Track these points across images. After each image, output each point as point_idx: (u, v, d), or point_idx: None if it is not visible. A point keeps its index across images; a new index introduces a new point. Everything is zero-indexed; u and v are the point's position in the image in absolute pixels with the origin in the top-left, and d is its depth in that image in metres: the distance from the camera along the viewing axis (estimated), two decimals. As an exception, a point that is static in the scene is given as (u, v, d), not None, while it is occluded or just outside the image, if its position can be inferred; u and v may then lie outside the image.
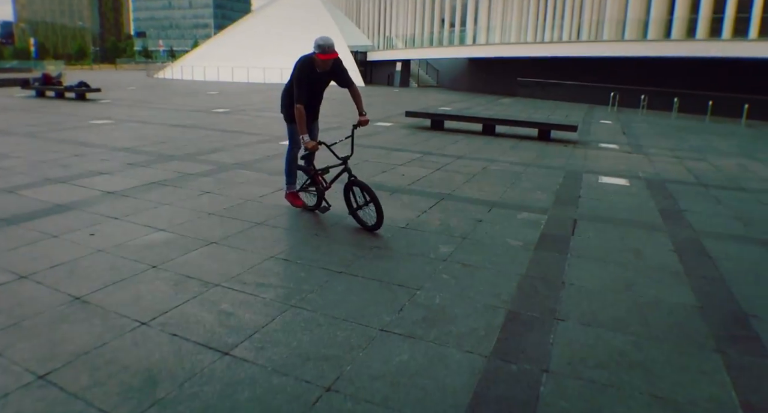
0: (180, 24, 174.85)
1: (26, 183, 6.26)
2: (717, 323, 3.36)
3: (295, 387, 2.45)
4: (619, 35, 27.16)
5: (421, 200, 6.09)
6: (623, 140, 12.59)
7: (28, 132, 10.58)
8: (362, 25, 60.39)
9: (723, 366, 2.85)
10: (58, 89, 20.51)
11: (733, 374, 2.77)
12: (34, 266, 3.76)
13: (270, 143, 10.10)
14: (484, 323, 3.19)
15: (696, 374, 2.76)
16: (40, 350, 2.70)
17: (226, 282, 3.59)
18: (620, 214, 5.88)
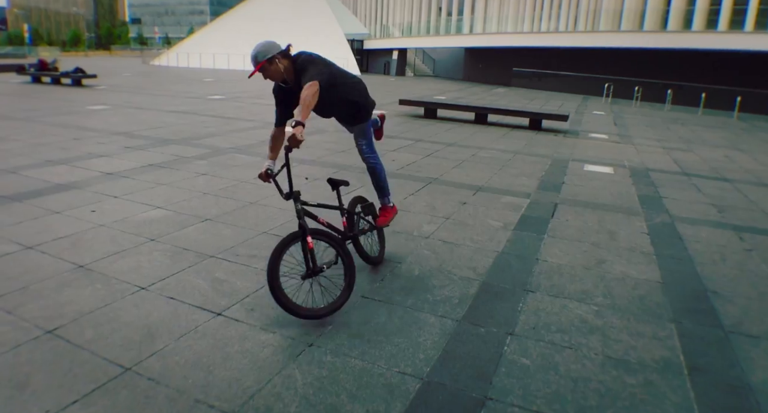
0: (176, 11, 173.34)
1: (27, 164, 6.49)
2: (677, 297, 3.61)
3: (281, 342, 2.71)
4: (616, 26, 27.23)
5: (409, 184, 6.33)
6: (613, 131, 12.83)
7: (26, 117, 10.75)
8: (359, 13, 60.17)
9: (675, 333, 3.10)
10: (54, 75, 20.55)
11: (683, 341, 3.03)
12: (39, 239, 4.01)
13: (264, 129, 10.30)
14: (458, 293, 3.45)
15: (649, 339, 3.02)
16: (48, 309, 2.95)
17: (220, 254, 3.84)
18: (600, 199, 6.13)
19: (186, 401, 2.22)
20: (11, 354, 2.52)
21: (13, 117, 10.67)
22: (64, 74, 20.10)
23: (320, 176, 6.46)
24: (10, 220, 4.41)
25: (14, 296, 3.10)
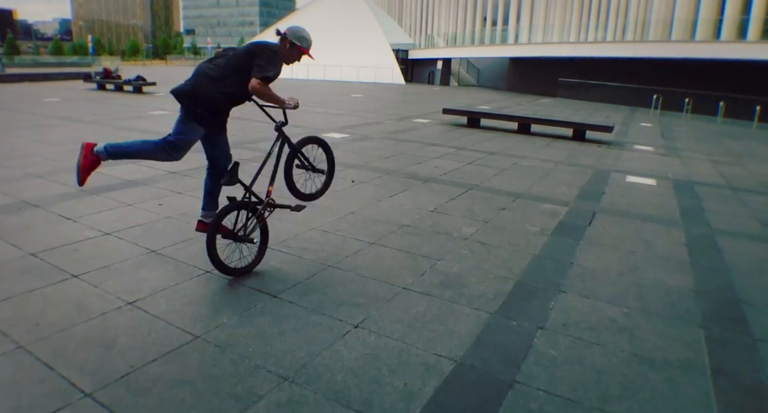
0: (227, 22, 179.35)
1: (99, 163, 7.06)
2: (709, 305, 3.71)
3: (330, 323, 3.02)
4: (666, 36, 26.70)
5: (450, 189, 6.58)
6: (660, 143, 12.70)
7: (96, 120, 11.57)
8: (404, 24, 60.87)
9: (703, 337, 3.22)
10: (117, 83, 21.82)
11: (710, 345, 3.14)
12: (116, 226, 4.51)
13: (314, 134, 10.73)
14: (493, 289, 3.68)
15: (676, 341, 3.16)
16: (127, 285, 3.39)
17: (275, 246, 4.20)
18: (640, 210, 6.20)
19: (247, 365, 2.56)
20: (99, 319, 2.93)
21: (83, 120, 11.51)
22: (127, 82, 21.30)
23: (366, 179, 6.79)
24: (90, 210, 4.95)
25: (98, 273, 3.56)
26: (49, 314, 2.99)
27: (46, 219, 4.69)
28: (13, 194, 5.49)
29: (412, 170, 7.60)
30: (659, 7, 27.53)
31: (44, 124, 11.02)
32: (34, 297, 3.19)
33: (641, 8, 28.91)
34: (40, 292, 3.27)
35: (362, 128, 12.12)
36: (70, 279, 3.45)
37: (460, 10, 48.21)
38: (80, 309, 3.05)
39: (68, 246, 4.04)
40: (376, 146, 9.66)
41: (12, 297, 3.19)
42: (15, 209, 4.97)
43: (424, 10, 56.76)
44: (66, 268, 3.62)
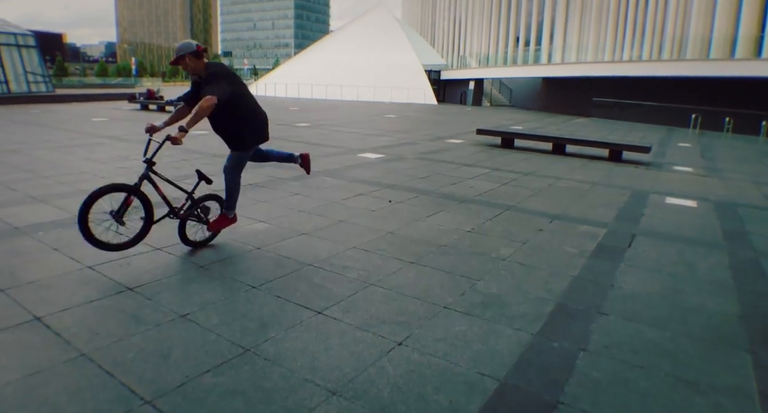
0: (263, 44, 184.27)
1: (146, 180, 7.37)
2: (756, 330, 3.63)
3: (374, 340, 3.09)
4: (705, 54, 26.23)
5: (487, 210, 6.61)
6: (700, 163, 12.46)
7: (141, 139, 11.99)
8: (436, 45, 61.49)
9: (750, 362, 3.16)
10: (159, 103, 22.64)
11: (759, 370, 3.08)
12: (165, 242, 4.72)
13: (348, 154, 10.93)
14: (534, 310, 3.69)
15: (722, 366, 3.11)
16: (179, 298, 3.54)
17: (317, 263, 4.32)
18: (681, 232, 6.11)
19: (297, 378, 2.64)
20: (154, 331, 3.07)
21: (129, 139, 11.99)
22: (169, 102, 22.06)
23: (402, 199, 6.89)
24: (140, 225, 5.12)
25: (151, 286, 3.73)
26: (108, 324, 3.15)
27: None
28: (68, 209, 5.77)
29: (447, 190, 7.66)
30: (697, 25, 27.14)
31: (93, 142, 11.52)
32: (93, 308, 3.37)
33: (678, 26, 28.55)
34: (99, 303, 3.44)
35: (396, 149, 12.27)
36: (125, 292, 3.62)
37: (493, 31, 48.48)
38: (136, 320, 3.20)
39: (122, 260, 4.24)
40: (411, 167, 9.77)
41: (72, 308, 3.36)
42: (71, 224, 5.21)
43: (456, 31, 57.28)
44: (121, 281, 3.81)
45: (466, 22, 54.26)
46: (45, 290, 3.65)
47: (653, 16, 30.47)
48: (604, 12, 34.46)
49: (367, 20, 51.82)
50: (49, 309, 3.34)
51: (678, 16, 28.61)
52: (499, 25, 47.56)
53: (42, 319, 3.21)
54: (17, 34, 29.87)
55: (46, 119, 17.92)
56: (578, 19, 36.87)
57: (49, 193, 6.59)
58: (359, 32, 49.47)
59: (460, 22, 55.87)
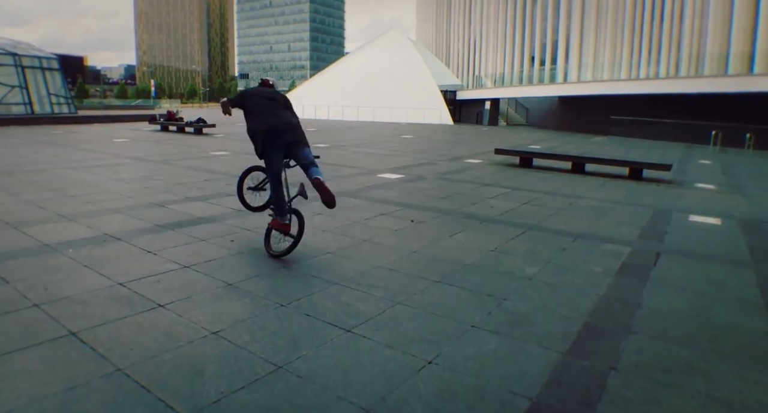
0: (279, 66, 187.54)
1: (172, 200, 7.56)
2: (789, 347, 3.60)
3: (404, 358, 3.10)
4: (722, 70, 26.11)
5: (509, 229, 6.60)
6: (722, 181, 12.33)
7: (162, 160, 12.27)
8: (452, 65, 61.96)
9: (785, 381, 3.13)
10: (179, 125, 23.06)
11: (796, 388, 3.05)
12: (193, 260, 4.78)
13: (368, 175, 11.01)
14: (561, 329, 3.67)
15: (756, 384, 3.06)
16: (209, 315, 3.59)
17: (344, 282, 4.36)
18: (706, 250, 6.04)
19: (330, 396, 2.66)
20: (187, 347, 3.13)
21: (151, 160, 12.24)
22: (189, 123, 22.47)
23: (424, 219, 6.92)
24: (168, 244, 5.28)
25: (182, 303, 3.79)
26: (142, 340, 3.20)
27: (129, 252, 5.03)
28: (96, 228, 5.90)
29: (468, 210, 7.68)
30: (713, 41, 27.08)
31: (116, 162, 11.78)
32: (127, 324, 3.43)
33: (694, 43, 28.51)
34: (132, 319, 3.51)
35: (415, 169, 12.35)
36: (157, 308, 3.69)
37: (508, 50, 48.78)
38: (169, 337, 3.25)
39: (152, 277, 4.32)
40: (431, 187, 9.81)
41: (106, 323, 3.44)
42: (100, 242, 5.34)
43: (471, 52, 57.73)
44: (152, 298, 3.88)
45: (480, 42, 54.71)
46: (79, 305, 3.73)
47: (669, 33, 30.48)
48: (619, 30, 34.56)
49: (382, 42, 52.50)
50: (83, 324, 3.41)
51: (694, 33, 28.60)
52: (514, 45, 47.86)
53: (77, 334, 3.28)
54: (41, 58, 30.83)
55: (70, 139, 18.39)
56: (593, 38, 36.99)
57: (76, 211, 6.75)
58: (375, 54, 50.10)
59: (475, 43, 56.35)
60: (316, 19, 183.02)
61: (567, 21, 40.54)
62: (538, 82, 40.86)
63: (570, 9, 39.99)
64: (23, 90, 29.24)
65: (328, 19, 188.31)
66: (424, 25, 74.05)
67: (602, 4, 36.17)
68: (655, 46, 31.49)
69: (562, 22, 41.17)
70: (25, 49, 31.18)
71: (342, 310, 3.77)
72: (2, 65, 28.49)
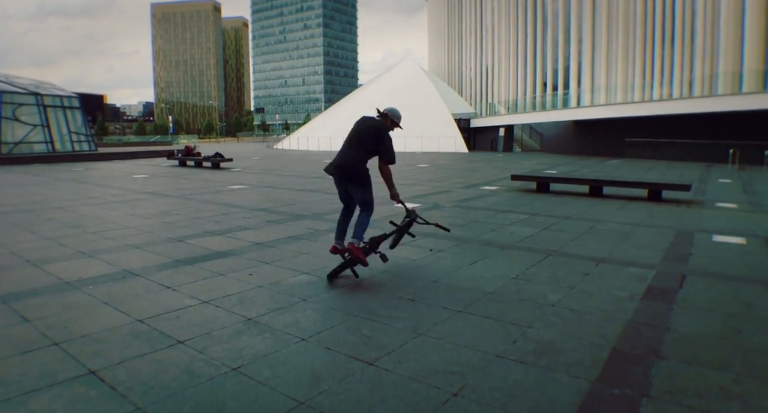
0: (294, 100, 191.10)
1: (190, 234, 7.60)
2: (829, 370, 3.45)
3: (429, 391, 3.02)
4: (736, 88, 25.99)
5: (529, 256, 6.51)
6: (743, 199, 12.11)
7: (181, 194, 12.42)
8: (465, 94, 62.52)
9: (825, 403, 2.99)
10: (196, 159, 23.44)
11: (833, 411, 2.91)
12: (212, 295, 4.77)
13: (384, 204, 10.98)
14: (590, 356, 3.57)
15: (796, 409, 2.94)
16: (229, 351, 3.55)
17: (363, 314, 4.30)
18: (733, 270, 5.89)
19: (354, 432, 2.59)
20: (208, 384, 3.08)
21: (170, 195, 12.40)
22: (206, 158, 22.83)
23: (443, 247, 6.87)
24: (187, 279, 5.28)
25: (202, 339, 3.76)
26: (161, 378, 3.17)
27: (148, 288, 5.04)
28: (116, 264, 5.95)
29: (487, 237, 7.61)
30: (725, 60, 27.05)
31: (136, 198, 11.95)
32: (146, 361, 3.41)
33: (707, 62, 28.50)
34: (151, 356, 3.48)
35: (432, 197, 12.33)
36: (176, 345, 3.66)
37: (520, 77, 49.16)
38: (189, 374, 3.21)
39: (171, 313, 4.31)
40: (449, 215, 9.77)
41: (126, 361, 3.41)
42: (119, 278, 5.37)
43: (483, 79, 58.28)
44: (172, 334, 3.86)
45: (493, 69, 55.27)
46: (98, 343, 3.72)
47: (680, 54, 30.52)
48: (630, 53, 34.70)
49: (395, 72, 53.27)
50: (103, 363, 3.40)
51: (706, 53, 28.60)
52: (526, 72, 48.26)
53: (96, 373, 3.26)
54: (63, 97, 31.81)
55: (90, 176, 18.77)
56: (605, 61, 37.16)
57: (96, 248, 6.82)
58: (388, 84, 50.77)
59: (487, 70, 56.93)
60: (330, 53, 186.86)
61: (578, 46, 40.85)
62: (551, 107, 40.97)
63: (580, 34, 40.34)
64: (45, 128, 30.12)
65: (341, 51, 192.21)
66: (436, 54, 75.17)
67: (612, 27, 36.45)
68: (668, 67, 31.52)
69: (573, 47, 41.50)
70: (47, 88, 32.24)
71: (363, 343, 3.71)
72: (25, 105, 29.46)
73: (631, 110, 30.31)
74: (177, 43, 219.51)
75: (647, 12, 33.00)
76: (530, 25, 47.15)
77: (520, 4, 48.32)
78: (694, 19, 29.37)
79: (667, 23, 31.51)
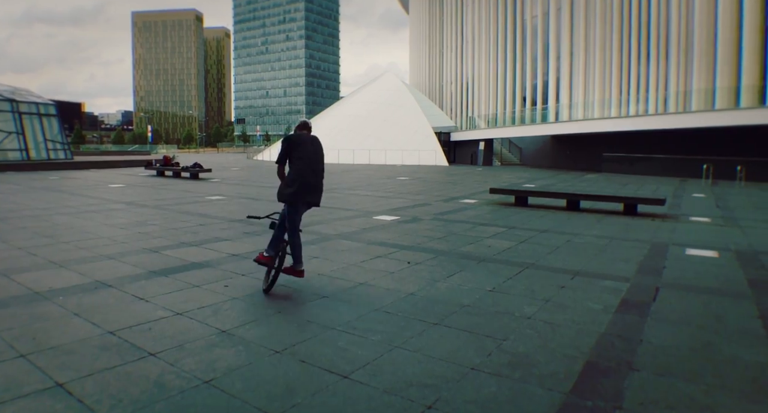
0: (275, 111, 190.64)
1: (166, 245, 7.50)
2: (796, 379, 3.52)
3: (403, 403, 3.01)
4: (709, 105, 26.67)
5: (506, 269, 6.55)
6: (716, 213, 12.38)
7: (158, 205, 12.26)
8: (445, 107, 63.08)
9: (793, 414, 3.05)
10: (175, 170, 23.20)
11: (802, 422, 2.97)
12: (186, 306, 4.71)
13: (364, 217, 11.01)
14: (564, 368, 3.59)
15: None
16: (202, 364, 3.50)
17: (340, 326, 4.27)
18: (705, 283, 6.00)
19: (326, 446, 2.56)
20: (179, 397, 3.03)
21: (147, 205, 12.24)
22: (185, 168, 22.61)
23: (421, 260, 6.88)
24: (160, 290, 5.21)
25: (174, 351, 3.70)
26: (131, 391, 3.11)
27: (121, 299, 4.95)
28: (88, 274, 5.83)
29: (465, 250, 7.64)
30: (699, 77, 27.76)
31: (111, 208, 11.77)
32: (116, 374, 3.34)
33: (681, 80, 29.21)
34: (121, 369, 3.41)
35: (411, 210, 12.37)
36: (147, 357, 3.60)
37: (500, 92, 49.79)
38: (160, 387, 3.15)
39: (143, 325, 4.23)
40: (427, 228, 9.79)
41: (95, 373, 3.34)
42: (91, 289, 5.27)
43: (463, 94, 58.90)
44: (143, 346, 3.79)
45: (473, 84, 55.90)
46: (67, 355, 3.64)
47: (656, 72, 31.25)
48: (607, 69, 35.43)
49: (376, 85, 53.51)
50: (71, 375, 3.32)
51: (680, 70, 29.33)
52: (505, 86, 48.89)
53: (64, 385, 3.18)
54: (39, 104, 31.30)
55: (65, 185, 18.44)
56: (582, 77, 37.87)
57: (68, 258, 6.68)
58: (370, 97, 50.96)
59: (468, 85, 57.56)
60: (312, 65, 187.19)
61: (556, 62, 41.59)
62: (530, 122, 41.54)
63: (559, 50, 41.10)
64: (20, 136, 29.55)
65: (323, 64, 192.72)
66: (417, 68, 75.85)
67: (589, 44, 37.22)
68: (643, 84, 32.23)
69: (552, 63, 42.24)
70: (23, 95, 31.69)
71: (338, 355, 3.68)
72: (-1, 111, 28.92)
73: (608, 125, 30.88)
74: (158, 52, 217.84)
75: (623, 30, 33.80)
76: (510, 41, 47.92)
77: (500, 20, 49.12)
78: (668, 38, 30.15)
79: (643, 41, 32.29)
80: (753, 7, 25.17)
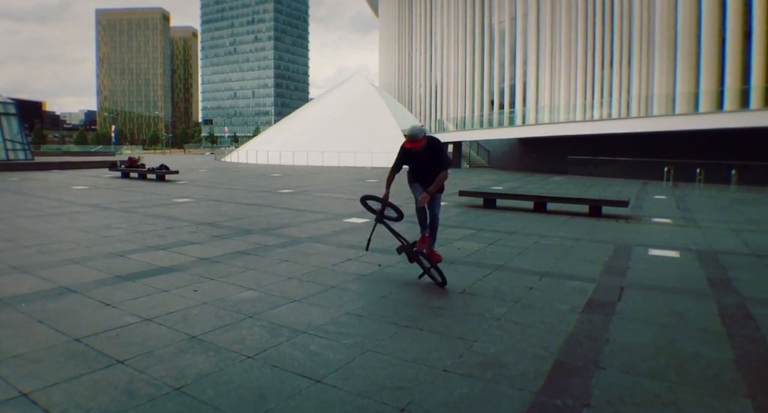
0: (243, 112, 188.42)
1: (132, 249, 7.34)
2: (751, 374, 3.65)
3: (376, 406, 3.02)
4: (670, 109, 27.56)
5: (476, 270, 6.64)
6: (677, 214, 12.77)
7: (123, 208, 11.98)
8: (414, 110, 63.40)
9: (751, 407, 3.17)
10: (141, 171, 22.71)
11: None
12: (154, 312, 4.62)
13: (334, 220, 10.99)
14: (533, 368, 3.66)
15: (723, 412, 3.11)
16: (172, 371, 3.44)
17: (312, 330, 4.26)
18: (668, 283, 6.19)
19: (300, 451, 2.55)
20: (148, 405, 2.98)
21: (112, 208, 11.95)
22: (150, 170, 22.16)
23: (392, 263, 6.90)
24: (128, 296, 5.10)
25: (143, 358, 3.63)
26: (99, 399, 3.04)
27: (86, 305, 4.83)
28: (52, 280, 5.67)
29: (435, 250, 7.69)
30: (660, 83, 28.64)
31: (75, 211, 11.45)
32: (83, 383, 3.26)
33: (643, 85, 30.08)
34: (89, 377, 3.33)
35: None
36: (115, 365, 3.52)
37: (468, 96, 50.30)
38: (129, 395, 3.09)
39: (110, 332, 4.14)
40: (398, 230, 9.80)
41: (61, 383, 3.25)
42: (55, 295, 5.12)
43: (432, 96, 59.30)
44: (111, 354, 3.70)
45: (442, 87, 56.35)
46: (31, 364, 3.53)
47: (618, 77, 32.10)
48: (572, 75, 36.21)
49: (345, 87, 53.46)
50: (36, 384, 3.22)
51: (642, 76, 30.20)
52: (474, 90, 49.44)
53: (29, 395, 3.09)
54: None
55: (26, 186, 17.86)
56: (548, 82, 38.60)
57: (31, 263, 6.48)
58: (339, 99, 50.87)
59: (437, 88, 57.99)
60: (281, 66, 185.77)
61: (523, 67, 42.29)
62: (498, 125, 42.10)
63: (526, 54, 41.81)
64: (-23, 135, 28.49)
65: (292, 65, 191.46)
66: (387, 71, 76.05)
67: (555, 49, 37.97)
68: (607, 89, 33.06)
69: (519, 68, 42.93)
70: (-19, 93, 30.56)
71: (311, 360, 3.67)
72: (-46, 110, 27.83)
73: (573, 128, 31.59)
74: (123, 51, 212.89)
75: (588, 36, 34.61)
76: (478, 45, 48.50)
77: (468, 24, 49.69)
78: (630, 44, 31.01)
79: (606, 47, 33.13)
80: (712, 15, 26.11)
